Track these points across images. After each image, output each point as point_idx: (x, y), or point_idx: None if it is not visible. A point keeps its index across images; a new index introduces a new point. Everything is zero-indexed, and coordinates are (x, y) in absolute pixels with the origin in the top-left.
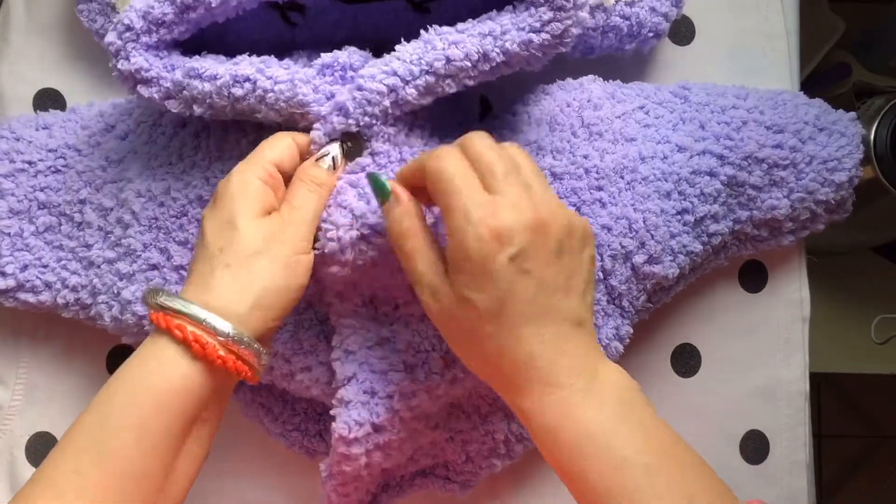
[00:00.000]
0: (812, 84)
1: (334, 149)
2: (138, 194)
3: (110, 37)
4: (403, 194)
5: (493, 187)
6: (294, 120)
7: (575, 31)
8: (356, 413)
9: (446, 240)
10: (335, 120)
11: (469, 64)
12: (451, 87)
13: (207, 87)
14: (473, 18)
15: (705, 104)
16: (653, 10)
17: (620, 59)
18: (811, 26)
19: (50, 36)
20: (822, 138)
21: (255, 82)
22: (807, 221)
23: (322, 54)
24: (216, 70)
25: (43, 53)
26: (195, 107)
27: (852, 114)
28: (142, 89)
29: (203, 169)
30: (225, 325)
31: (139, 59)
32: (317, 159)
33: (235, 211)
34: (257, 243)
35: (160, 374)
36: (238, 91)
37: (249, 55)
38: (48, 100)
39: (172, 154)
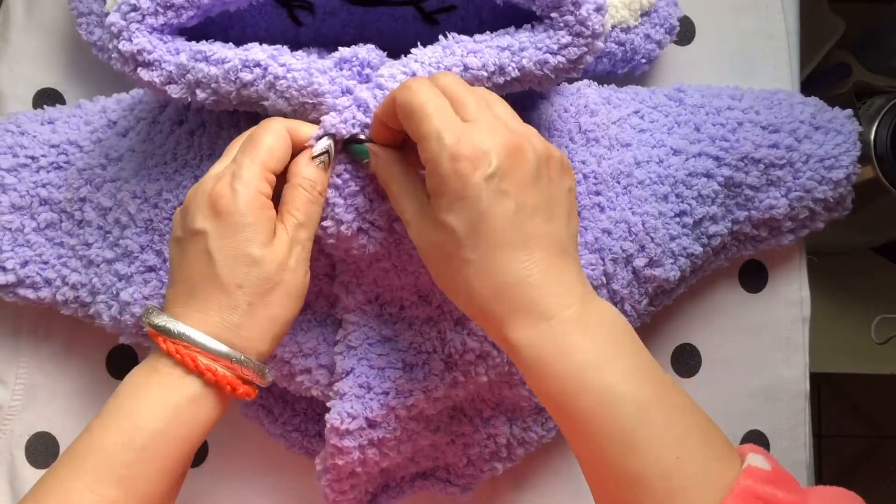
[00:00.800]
0: (812, 84)
1: (328, 143)
2: (133, 195)
3: (112, 17)
4: (378, 149)
5: (466, 116)
6: (304, 110)
7: (589, 58)
8: (349, 405)
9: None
10: (355, 114)
11: (485, 74)
12: None
13: (214, 70)
14: (482, 34)
15: (700, 106)
16: (647, 37)
17: None
18: (811, 26)
19: (50, 36)
20: (818, 136)
21: (266, 68)
22: (806, 220)
23: (340, 48)
24: (225, 54)
25: (43, 53)
26: (198, 91)
27: (848, 111)
28: (143, 72)
29: (193, 168)
30: (254, 365)
31: (142, 41)
32: (313, 157)
33: (249, 241)
34: (273, 276)
35: (190, 411)
36: (247, 76)
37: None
38: (48, 100)
39: (167, 153)
